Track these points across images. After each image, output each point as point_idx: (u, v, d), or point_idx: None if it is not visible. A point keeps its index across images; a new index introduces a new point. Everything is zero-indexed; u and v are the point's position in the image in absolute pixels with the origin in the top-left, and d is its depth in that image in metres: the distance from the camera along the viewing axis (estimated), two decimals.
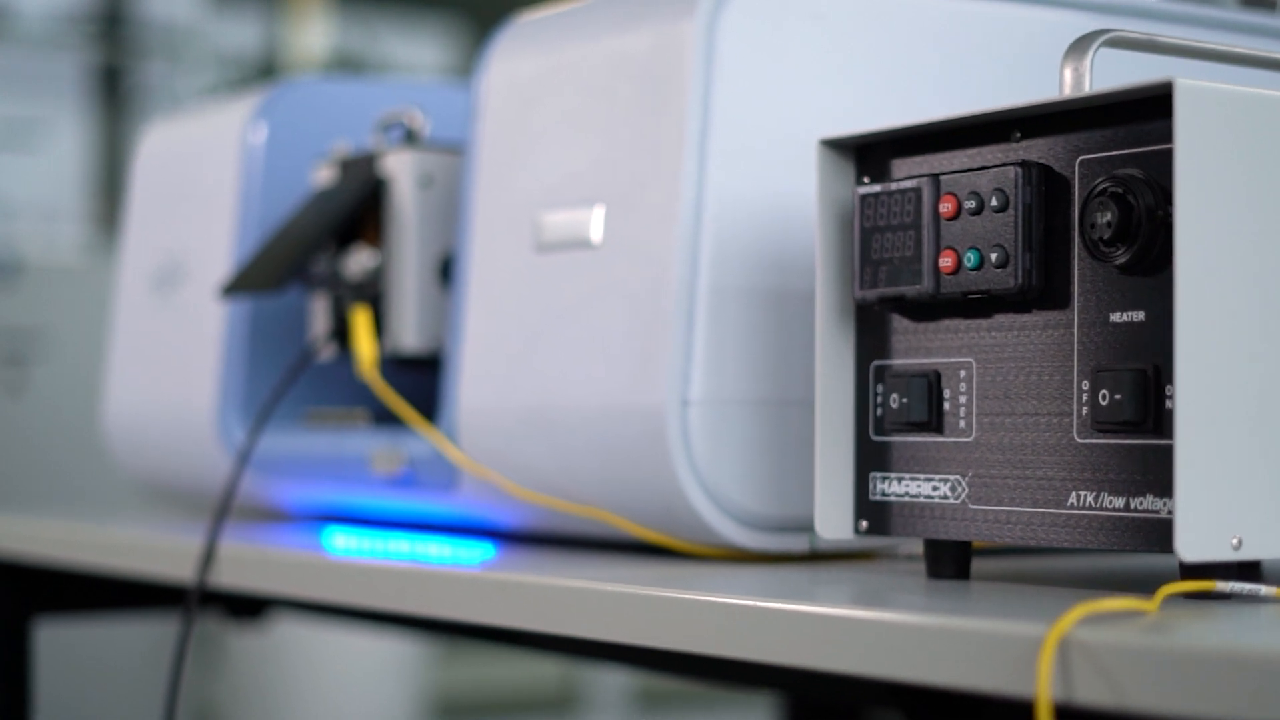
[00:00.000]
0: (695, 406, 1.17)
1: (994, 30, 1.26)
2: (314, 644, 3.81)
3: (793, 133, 1.20)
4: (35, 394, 3.70)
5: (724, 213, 1.18)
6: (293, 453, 1.53)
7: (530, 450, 1.28)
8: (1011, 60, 1.25)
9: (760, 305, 1.19)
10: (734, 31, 1.19)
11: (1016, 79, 1.24)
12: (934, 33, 1.24)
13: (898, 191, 1.05)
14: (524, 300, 1.29)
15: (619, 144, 1.23)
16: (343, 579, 1.28)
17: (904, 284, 1.05)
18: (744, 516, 1.19)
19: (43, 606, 1.78)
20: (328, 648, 3.83)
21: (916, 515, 1.07)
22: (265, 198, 1.62)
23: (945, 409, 1.05)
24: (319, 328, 1.53)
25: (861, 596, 1.04)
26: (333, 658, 3.85)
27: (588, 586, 1.08)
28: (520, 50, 1.34)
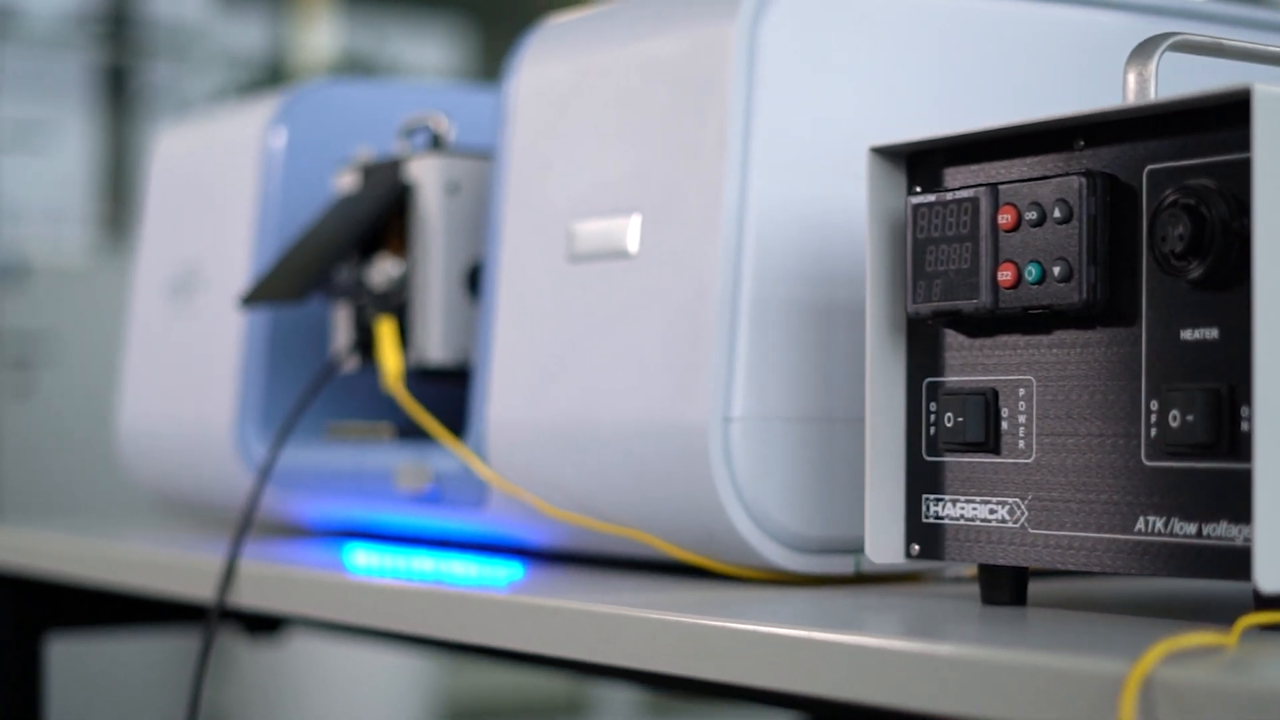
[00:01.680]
0: (737, 423, 1.13)
1: (1048, 33, 1.21)
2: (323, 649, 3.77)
3: (838, 139, 1.15)
4: (43, 398, 3.67)
5: (767, 222, 1.14)
6: (314, 467, 1.49)
7: (562, 467, 1.23)
8: (1067, 64, 1.21)
9: (804, 318, 1.14)
10: (777, 33, 1.15)
11: (1071, 84, 1.20)
12: (984, 36, 1.20)
13: (953, 202, 1.01)
14: (556, 312, 1.24)
15: (656, 150, 1.19)
16: (366, 601, 1.24)
17: (960, 298, 1.00)
18: (787, 538, 1.14)
19: (54, 622, 1.74)
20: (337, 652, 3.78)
21: (972, 539, 1.02)
22: (285, 204, 1.57)
23: (1003, 429, 1.01)
24: (341, 339, 1.49)
25: (914, 625, 1.00)
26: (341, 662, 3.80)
27: (626, 614, 1.03)
28: (551, 53, 1.30)
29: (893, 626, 1.00)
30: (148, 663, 3.57)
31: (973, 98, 1.19)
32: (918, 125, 1.16)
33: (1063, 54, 1.21)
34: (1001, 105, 1.18)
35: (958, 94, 1.19)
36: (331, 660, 3.79)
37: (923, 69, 1.18)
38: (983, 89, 1.19)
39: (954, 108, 1.18)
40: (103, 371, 3.68)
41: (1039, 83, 1.20)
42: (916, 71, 1.18)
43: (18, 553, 1.65)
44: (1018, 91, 1.20)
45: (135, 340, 1.74)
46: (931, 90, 1.18)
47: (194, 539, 1.59)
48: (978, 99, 1.19)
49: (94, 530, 1.73)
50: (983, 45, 1.20)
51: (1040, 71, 1.21)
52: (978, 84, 1.19)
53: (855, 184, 1.14)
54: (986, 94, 1.19)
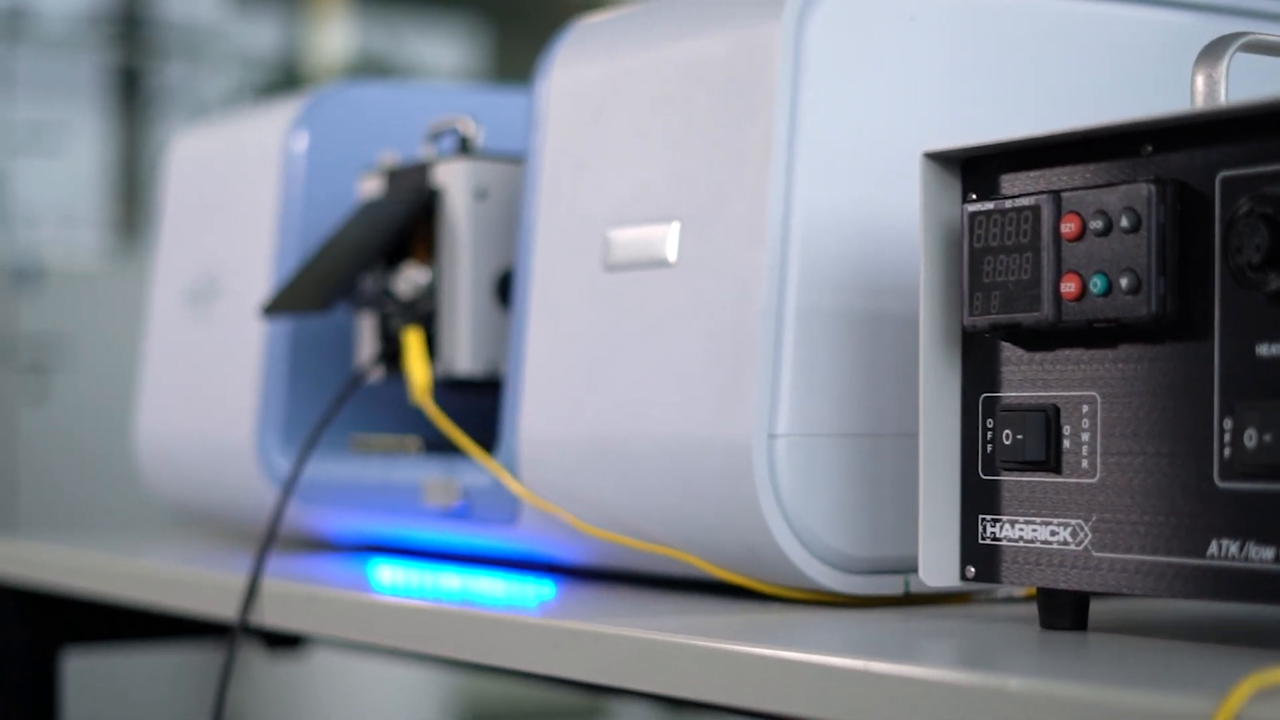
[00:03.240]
0: (782, 440, 1.08)
1: (1105, 33, 1.17)
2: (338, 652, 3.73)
3: (887, 143, 1.11)
4: (58, 402, 3.63)
5: (812, 230, 1.09)
6: (338, 481, 1.44)
7: (597, 483, 1.19)
8: (1125, 66, 1.16)
9: (851, 330, 1.10)
10: (823, 33, 1.10)
11: (1129, 86, 1.15)
12: (1038, 36, 1.15)
13: (1012, 210, 0.96)
14: (591, 322, 1.20)
15: (696, 155, 1.14)
16: (393, 622, 1.19)
17: (1019, 310, 0.96)
18: (833, 557, 1.10)
19: (71, 637, 1.70)
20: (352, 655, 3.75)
21: (1032, 562, 0.98)
22: (306, 210, 1.53)
23: (1065, 447, 0.96)
24: (366, 349, 1.44)
25: (972, 654, 0.95)
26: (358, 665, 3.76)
27: (667, 640, 0.98)
28: (585, 54, 1.25)
29: (949, 655, 0.95)
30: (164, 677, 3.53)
31: (1026, 101, 1.14)
32: (969, 129, 1.12)
33: (1121, 55, 1.17)
34: (1057, 109, 1.14)
35: (1011, 97, 1.14)
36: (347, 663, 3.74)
37: (974, 70, 1.14)
38: (1037, 92, 1.15)
39: (1007, 111, 1.14)
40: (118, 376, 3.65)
41: (1095, 85, 1.16)
42: (968, 73, 1.14)
43: (37, 568, 1.61)
44: (1073, 94, 1.15)
45: (153, 349, 1.70)
46: (983, 93, 1.14)
47: (214, 554, 1.55)
48: (1032, 102, 1.14)
49: (113, 545, 1.68)
50: (1037, 46, 1.15)
51: (1096, 73, 1.16)
52: (1032, 86, 1.15)
53: (905, 190, 1.10)
54: (1041, 97, 1.15)
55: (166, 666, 3.51)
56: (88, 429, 3.65)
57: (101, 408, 3.66)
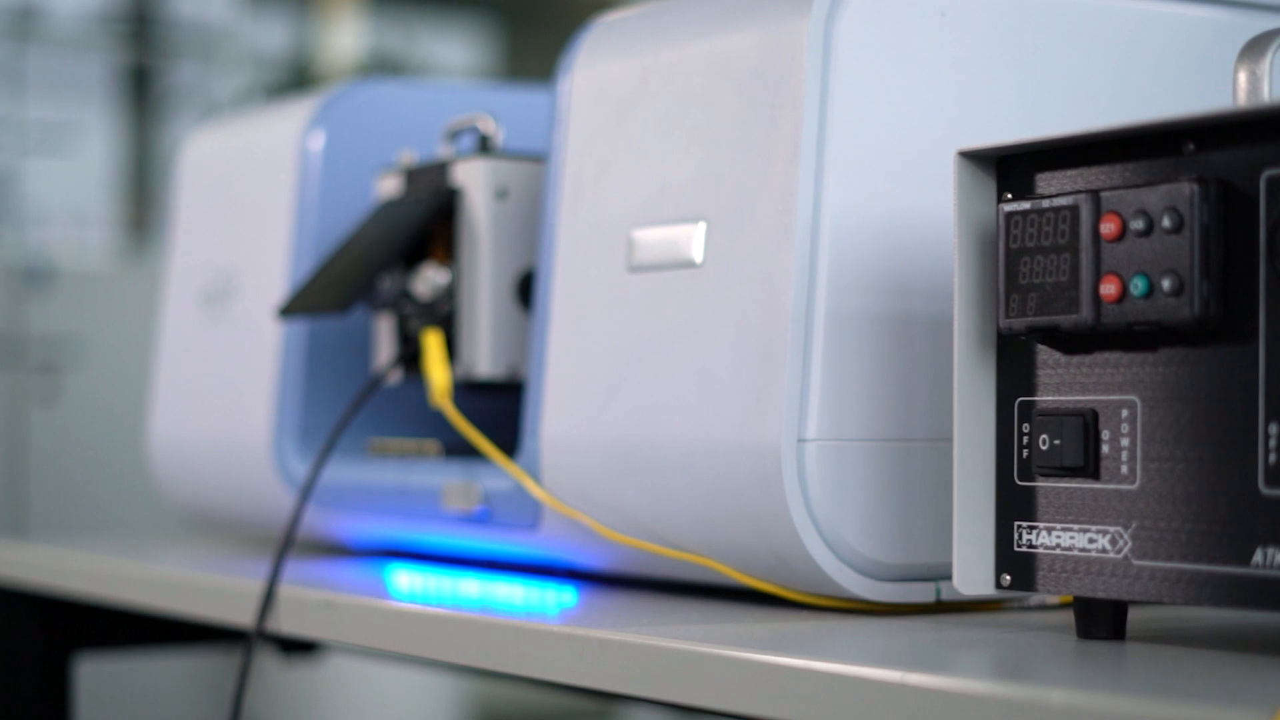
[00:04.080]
0: (812, 445, 1.06)
1: (1143, 30, 1.14)
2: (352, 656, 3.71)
3: (918, 142, 1.09)
4: (69, 402, 3.61)
5: (842, 230, 1.07)
6: (356, 485, 1.42)
7: (621, 488, 1.17)
8: (1163, 63, 1.14)
9: (882, 333, 1.08)
10: (853, 29, 1.08)
11: (1165, 83, 1.13)
12: (1073, 32, 1.13)
13: (1050, 210, 0.94)
14: (615, 325, 1.18)
15: (722, 154, 1.12)
16: (411, 630, 1.17)
17: (1057, 313, 0.94)
18: (864, 565, 1.07)
19: (84, 643, 1.68)
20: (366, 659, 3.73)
21: (1069, 570, 0.95)
22: (323, 210, 1.51)
23: (1104, 452, 0.94)
24: (384, 351, 1.42)
25: (1008, 665, 0.93)
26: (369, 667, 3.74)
27: (695, 649, 0.96)
28: (608, 51, 1.23)
29: (986, 666, 0.93)
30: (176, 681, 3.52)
31: (1060, 98, 1.12)
32: (1001, 128, 1.10)
33: (1158, 51, 1.14)
34: (1091, 106, 1.12)
35: (1043, 94, 1.12)
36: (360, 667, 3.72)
37: (1006, 67, 1.11)
38: (1071, 89, 1.12)
39: (1039, 109, 1.11)
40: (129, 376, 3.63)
41: (1130, 82, 1.14)
42: (1000, 70, 1.11)
43: (51, 573, 1.59)
44: (1107, 92, 1.13)
45: (166, 350, 1.68)
46: (1015, 90, 1.11)
47: (229, 559, 1.53)
48: (1065, 100, 1.12)
49: (126, 549, 1.66)
50: (1070, 42, 1.13)
51: (1132, 70, 1.14)
52: (1065, 83, 1.12)
53: (936, 190, 1.08)
54: (1075, 94, 1.12)
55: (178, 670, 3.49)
56: (98, 430, 3.63)
57: (112, 409, 3.64)
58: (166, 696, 3.53)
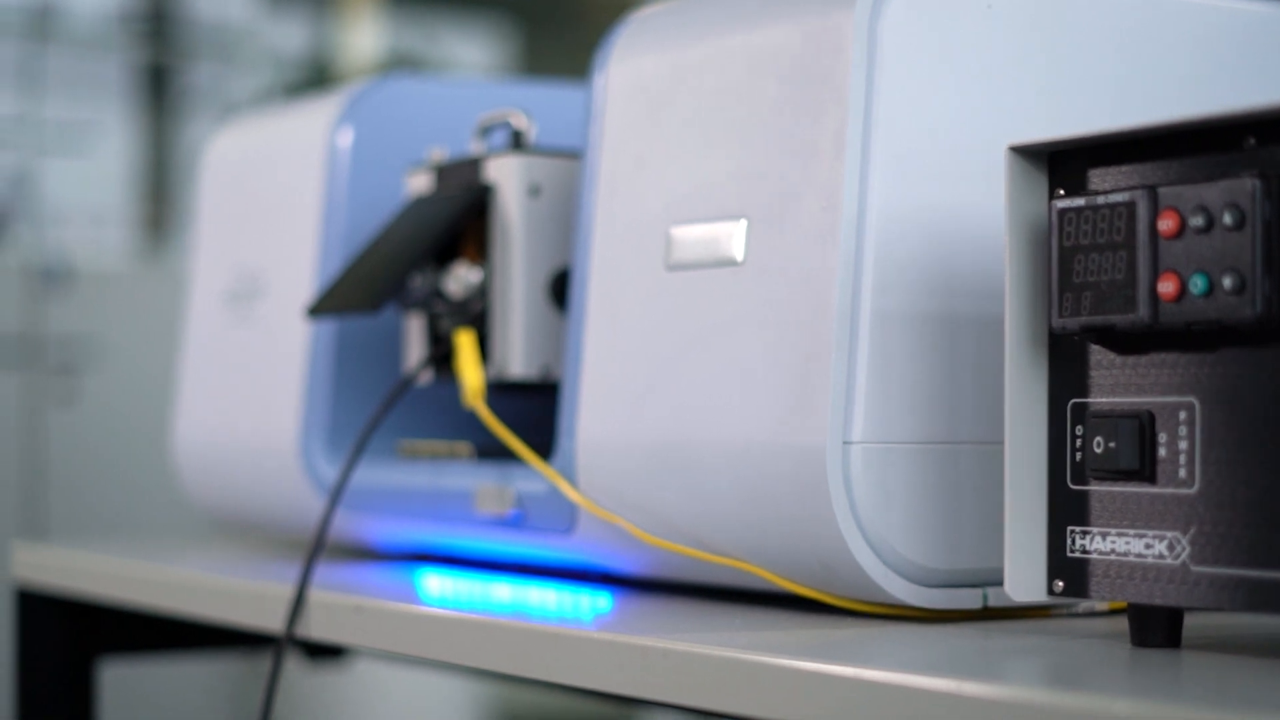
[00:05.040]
0: (857, 448, 1.04)
1: (1192, 23, 1.12)
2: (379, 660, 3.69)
3: (964, 138, 1.06)
4: (87, 404, 3.60)
5: (888, 228, 1.04)
6: (386, 488, 1.40)
7: (659, 491, 1.14)
8: (1213, 57, 1.12)
9: (928, 332, 1.05)
10: (898, 23, 1.05)
11: (1221, 78, 1.10)
12: (1123, 25, 1.11)
13: (1105, 206, 0.92)
14: (653, 324, 1.15)
15: (764, 151, 1.10)
16: (443, 636, 1.15)
17: (1113, 312, 0.91)
18: (910, 570, 1.05)
19: (108, 647, 1.66)
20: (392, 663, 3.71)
21: (1125, 576, 0.93)
22: (351, 207, 1.49)
23: (1161, 455, 0.91)
24: (415, 351, 1.40)
25: (1062, 673, 0.90)
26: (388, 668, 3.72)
27: (737, 657, 0.94)
28: (645, 46, 1.21)
29: (1039, 674, 0.91)
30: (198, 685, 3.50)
31: (1109, 93, 1.10)
32: (1050, 122, 1.08)
33: (1208, 45, 1.12)
34: (1141, 100, 1.09)
35: (1093, 88, 1.09)
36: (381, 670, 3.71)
37: (1055, 61, 1.09)
38: (1120, 83, 1.10)
39: (1089, 103, 1.09)
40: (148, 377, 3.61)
41: (1180, 76, 1.11)
42: (1048, 64, 1.09)
43: (75, 576, 1.57)
44: (1158, 86, 1.11)
45: (191, 351, 1.65)
46: (1064, 84, 1.09)
47: (256, 562, 1.51)
48: (1115, 94, 1.10)
49: (151, 553, 1.64)
50: (1120, 35, 1.10)
51: (1182, 63, 1.11)
52: (1115, 77, 1.10)
53: (983, 186, 1.05)
54: (1125, 88, 1.10)
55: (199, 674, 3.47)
56: (117, 431, 3.61)
57: (131, 409, 3.62)
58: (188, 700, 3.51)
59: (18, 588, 1.64)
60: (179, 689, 3.47)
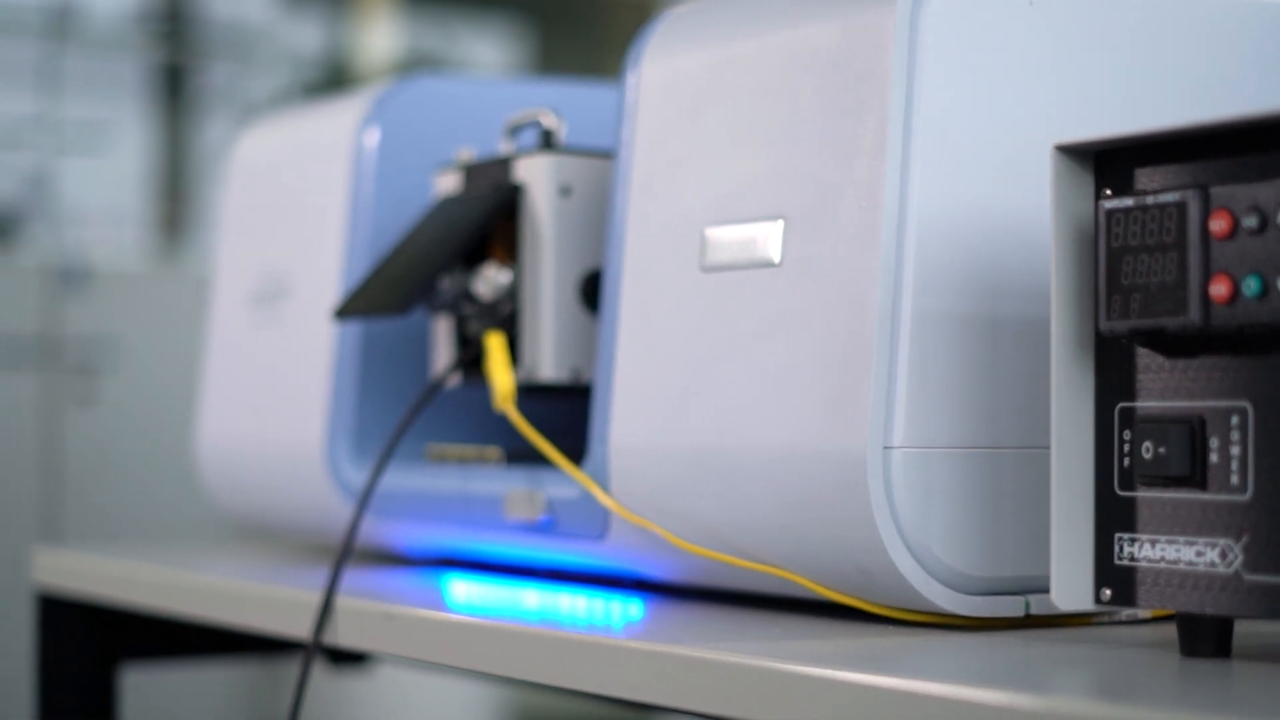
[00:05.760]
0: (898, 453, 1.02)
1: (1245, 17, 1.10)
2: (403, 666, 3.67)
3: (1007, 137, 1.04)
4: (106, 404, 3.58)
5: (929, 229, 1.02)
6: (414, 492, 1.38)
7: (694, 497, 1.12)
8: (1264, 53, 1.09)
9: (970, 335, 1.03)
10: (939, 19, 1.03)
11: (1268, 74, 1.08)
12: (1170, 20, 1.09)
13: (1155, 206, 0.90)
14: (688, 327, 1.13)
15: (802, 150, 1.08)
16: (473, 644, 1.13)
17: (1163, 314, 0.89)
18: (951, 578, 1.03)
19: (130, 652, 1.64)
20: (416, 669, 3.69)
21: (1174, 585, 0.91)
22: (378, 208, 1.47)
23: (1212, 461, 0.89)
24: (443, 353, 1.38)
25: (1111, 685, 0.88)
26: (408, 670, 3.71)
27: (775, 667, 0.92)
28: (680, 44, 1.19)
29: (1088, 686, 0.89)
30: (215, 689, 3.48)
31: (1156, 90, 1.08)
32: (1094, 120, 1.06)
33: (1259, 39, 1.10)
34: (1188, 98, 1.07)
35: (1139, 85, 1.08)
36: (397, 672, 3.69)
37: (1099, 57, 1.07)
38: (1166, 79, 1.08)
39: (1135, 101, 1.07)
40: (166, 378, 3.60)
41: (1230, 73, 1.09)
42: (1092, 60, 1.07)
43: (98, 581, 1.55)
44: (1207, 83, 1.09)
45: (215, 353, 1.64)
46: (1109, 81, 1.07)
47: (281, 568, 1.49)
48: (1161, 91, 1.08)
49: (174, 558, 1.62)
50: (1167, 31, 1.08)
51: (1231, 60, 1.09)
52: (1161, 74, 1.08)
53: (1026, 186, 1.03)
54: (1171, 85, 1.08)
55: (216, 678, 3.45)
56: (136, 431, 3.60)
57: (150, 410, 3.61)
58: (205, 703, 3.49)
59: (39, 592, 1.63)
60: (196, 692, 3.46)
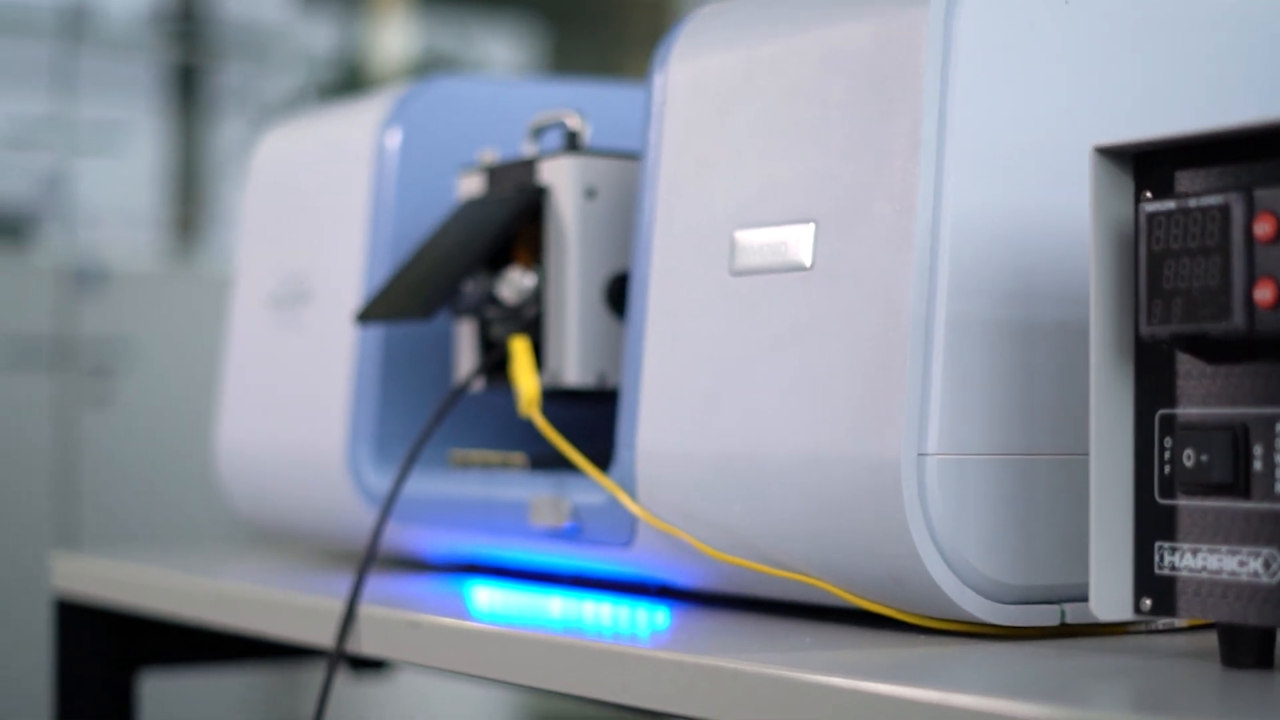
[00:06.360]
0: (932, 460, 1.00)
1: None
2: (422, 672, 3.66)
3: (1043, 138, 1.03)
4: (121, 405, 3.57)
5: (964, 232, 1.01)
6: (437, 498, 1.36)
7: (724, 504, 1.11)
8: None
9: (1005, 340, 1.02)
10: (974, 19, 1.02)
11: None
12: (1209, 19, 1.07)
13: (1197, 209, 0.88)
14: (716, 331, 1.12)
15: (834, 152, 1.06)
16: (498, 653, 1.11)
17: (1206, 320, 0.87)
18: (985, 586, 1.01)
19: (149, 659, 1.62)
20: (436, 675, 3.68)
21: (1217, 595, 0.89)
22: (400, 211, 1.45)
23: (1256, 469, 0.87)
24: (466, 358, 1.36)
25: (1152, 697, 0.87)
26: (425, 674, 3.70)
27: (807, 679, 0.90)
28: (709, 44, 1.17)
29: (1129, 698, 0.87)
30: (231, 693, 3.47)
31: (1197, 91, 1.06)
32: (1132, 122, 1.04)
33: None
34: (1229, 99, 1.05)
35: (1178, 86, 1.06)
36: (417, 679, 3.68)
37: (1137, 57, 1.05)
38: (1207, 81, 1.06)
39: (1173, 102, 1.05)
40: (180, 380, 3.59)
41: (1272, 74, 1.07)
42: (1130, 60, 1.05)
43: (117, 588, 1.53)
44: (1248, 83, 1.07)
45: (235, 356, 1.62)
46: (1147, 82, 1.05)
47: (302, 574, 1.47)
48: (1201, 92, 1.06)
49: (193, 564, 1.61)
50: (1206, 30, 1.07)
51: (1273, 60, 1.08)
52: (1201, 75, 1.06)
53: (1062, 188, 1.02)
54: (1211, 86, 1.06)
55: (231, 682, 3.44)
56: (151, 433, 3.59)
57: (165, 411, 3.60)
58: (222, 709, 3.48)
59: (57, 598, 1.61)
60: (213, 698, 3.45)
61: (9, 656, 3.33)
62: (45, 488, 3.49)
